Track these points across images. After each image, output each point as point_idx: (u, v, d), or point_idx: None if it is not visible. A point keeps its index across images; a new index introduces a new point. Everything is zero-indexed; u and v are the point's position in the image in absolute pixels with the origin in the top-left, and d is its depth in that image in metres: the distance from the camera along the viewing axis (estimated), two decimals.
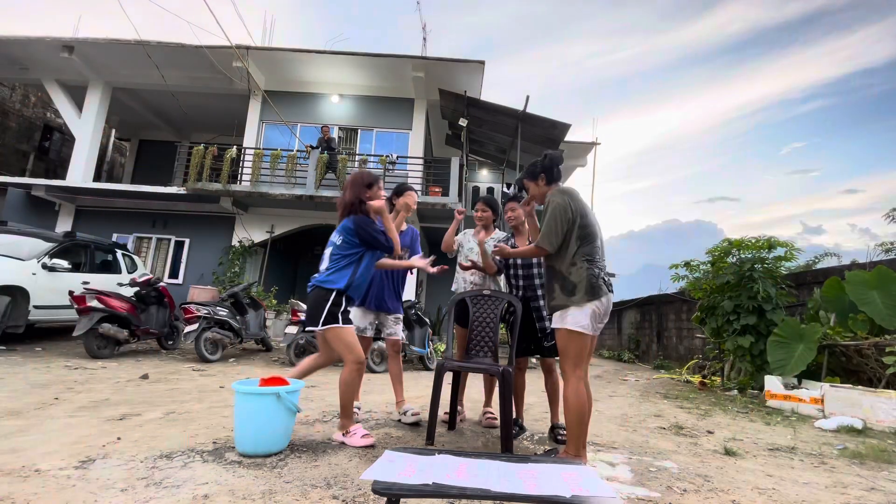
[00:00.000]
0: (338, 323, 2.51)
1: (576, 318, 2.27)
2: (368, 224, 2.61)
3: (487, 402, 3.37)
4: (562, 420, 2.97)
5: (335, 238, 2.67)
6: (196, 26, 9.65)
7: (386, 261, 2.93)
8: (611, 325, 12.20)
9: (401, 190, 3.28)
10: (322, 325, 2.50)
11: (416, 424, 3.07)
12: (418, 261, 3.04)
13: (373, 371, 5.83)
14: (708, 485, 2.23)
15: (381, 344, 5.90)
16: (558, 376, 2.93)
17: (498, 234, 3.36)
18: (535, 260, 3.06)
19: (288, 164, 10.18)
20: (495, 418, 3.15)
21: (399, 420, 3.16)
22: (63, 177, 11.53)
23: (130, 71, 11.12)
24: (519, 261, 3.11)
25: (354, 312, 3.06)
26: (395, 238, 2.72)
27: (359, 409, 3.23)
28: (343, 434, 2.56)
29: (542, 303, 3.00)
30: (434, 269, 3.06)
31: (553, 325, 2.39)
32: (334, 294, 2.53)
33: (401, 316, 3.35)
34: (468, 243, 3.40)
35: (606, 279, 2.36)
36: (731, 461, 2.66)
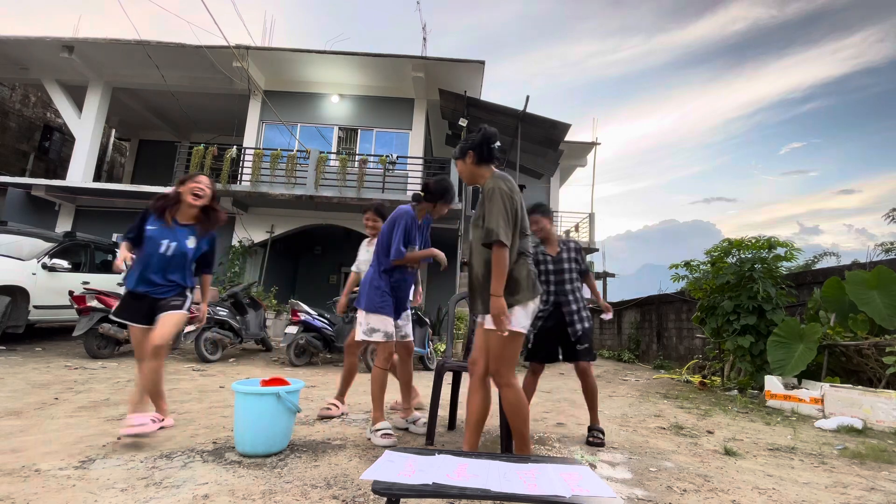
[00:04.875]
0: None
1: (518, 319, 2.06)
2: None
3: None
4: (598, 422, 2.99)
5: None
6: (196, 26, 9.67)
7: (415, 253, 2.80)
8: (610, 325, 12.20)
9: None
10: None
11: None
12: (437, 251, 2.92)
13: (369, 370, 5.82)
14: (708, 485, 2.23)
15: None
16: (595, 378, 3.03)
17: None
18: (566, 264, 3.04)
19: (288, 164, 10.19)
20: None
21: (406, 429, 2.98)
22: (63, 177, 11.54)
23: (130, 71, 11.13)
24: (551, 265, 3.05)
25: (389, 324, 2.80)
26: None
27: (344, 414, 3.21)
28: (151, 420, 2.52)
29: (574, 307, 2.99)
30: (444, 265, 3.04)
31: (484, 326, 2.13)
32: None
33: (409, 313, 3.09)
34: (363, 254, 3.61)
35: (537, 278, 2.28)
36: (731, 461, 2.66)
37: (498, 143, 2.23)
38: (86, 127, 11.10)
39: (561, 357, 3.04)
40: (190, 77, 11.18)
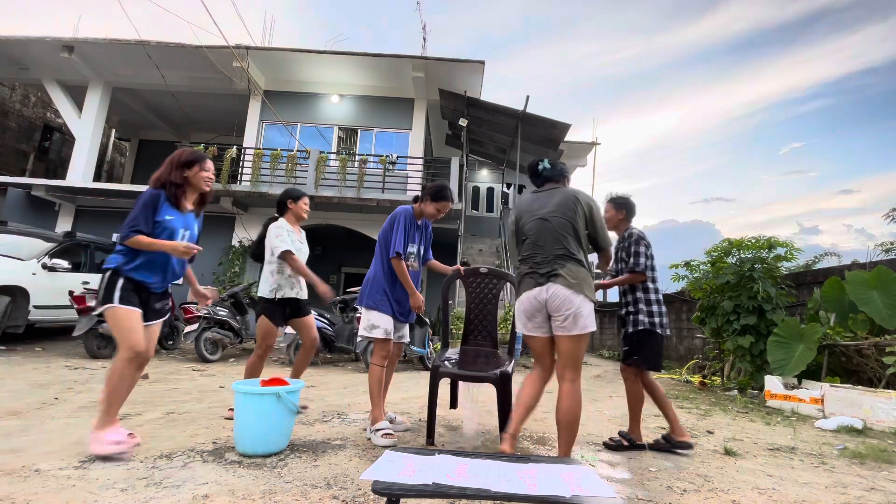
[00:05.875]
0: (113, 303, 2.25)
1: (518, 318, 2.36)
2: (141, 197, 2.34)
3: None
4: (634, 431, 2.87)
5: None
6: (196, 26, 9.67)
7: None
8: (610, 325, 12.20)
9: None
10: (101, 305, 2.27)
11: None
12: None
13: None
14: (708, 485, 2.23)
15: None
16: (640, 386, 2.82)
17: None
18: (618, 263, 2.96)
19: (288, 164, 10.19)
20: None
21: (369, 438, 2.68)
22: (63, 177, 11.52)
23: (130, 71, 11.12)
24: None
25: (388, 321, 2.75)
26: (141, 239, 2.27)
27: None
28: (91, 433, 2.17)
29: (623, 310, 2.91)
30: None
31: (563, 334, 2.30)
32: (108, 274, 2.30)
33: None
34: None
35: (542, 271, 2.21)
36: (731, 461, 2.66)
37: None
38: (86, 127, 11.10)
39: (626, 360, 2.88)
40: (190, 77, 11.18)
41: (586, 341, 2.22)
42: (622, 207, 2.98)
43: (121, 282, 2.28)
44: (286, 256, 3.03)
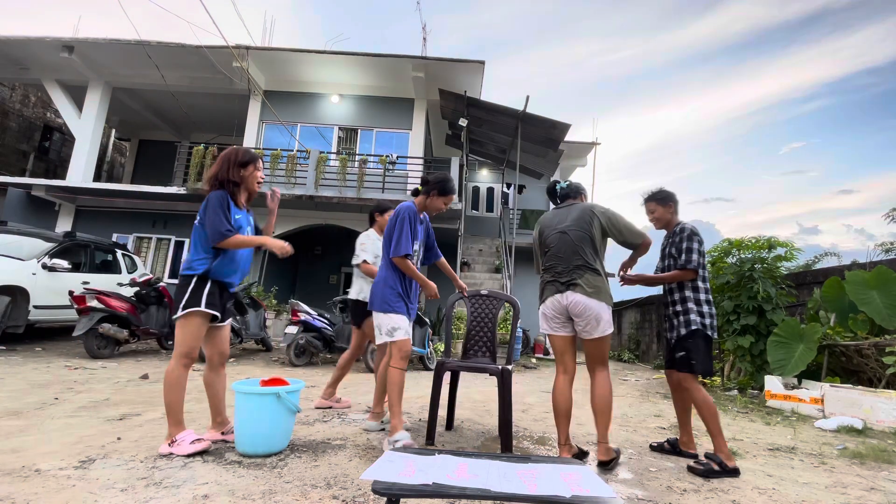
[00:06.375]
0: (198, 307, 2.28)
1: (541, 323, 2.61)
2: (213, 200, 2.34)
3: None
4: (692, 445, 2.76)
5: (196, 219, 2.42)
6: (196, 26, 9.67)
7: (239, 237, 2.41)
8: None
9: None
10: (181, 311, 2.28)
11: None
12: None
13: (373, 371, 5.82)
14: (708, 485, 2.23)
15: None
16: (696, 394, 2.53)
17: None
18: (665, 260, 2.77)
19: (288, 164, 10.19)
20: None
21: (383, 429, 2.88)
22: (63, 177, 11.53)
23: (130, 71, 11.13)
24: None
25: (406, 321, 2.72)
26: (237, 238, 2.34)
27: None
28: (169, 444, 2.22)
29: (670, 309, 2.72)
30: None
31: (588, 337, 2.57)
32: (195, 280, 2.31)
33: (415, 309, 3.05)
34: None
35: (563, 280, 2.48)
36: None
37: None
38: (86, 127, 11.10)
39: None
40: (190, 77, 11.18)
41: (608, 340, 2.51)
42: (668, 201, 2.78)
43: (208, 286, 2.32)
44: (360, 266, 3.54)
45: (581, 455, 2.50)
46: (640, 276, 2.79)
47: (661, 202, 2.79)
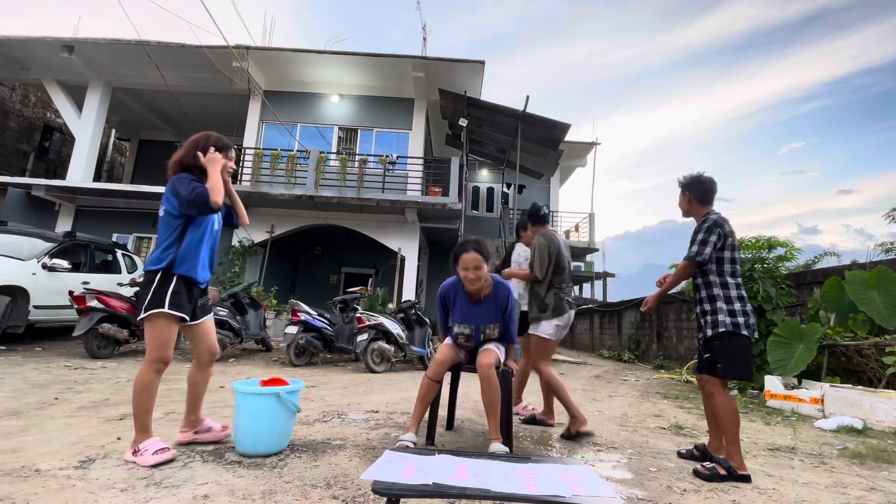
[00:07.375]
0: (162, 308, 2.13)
1: (545, 328, 3.10)
2: (179, 178, 2.26)
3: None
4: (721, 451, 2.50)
5: (160, 210, 2.30)
6: (196, 26, 9.67)
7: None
8: (610, 326, 12.21)
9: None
10: (144, 312, 2.14)
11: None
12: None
13: (373, 371, 5.83)
14: (708, 485, 2.23)
15: (382, 344, 5.90)
16: (718, 399, 2.38)
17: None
18: (713, 277, 2.46)
19: (288, 164, 10.20)
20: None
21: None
22: (63, 177, 11.54)
23: (130, 71, 11.13)
24: (699, 279, 2.55)
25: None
26: (216, 193, 2.29)
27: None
28: (133, 453, 2.09)
29: (698, 308, 2.55)
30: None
31: (529, 331, 3.19)
32: (158, 276, 2.17)
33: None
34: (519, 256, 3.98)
35: (570, 300, 3.19)
36: None
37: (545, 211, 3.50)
38: (86, 127, 11.11)
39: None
40: (190, 77, 11.19)
41: None
42: (685, 189, 2.57)
43: (173, 283, 2.18)
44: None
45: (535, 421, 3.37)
46: (654, 296, 2.70)
47: (681, 190, 2.61)
